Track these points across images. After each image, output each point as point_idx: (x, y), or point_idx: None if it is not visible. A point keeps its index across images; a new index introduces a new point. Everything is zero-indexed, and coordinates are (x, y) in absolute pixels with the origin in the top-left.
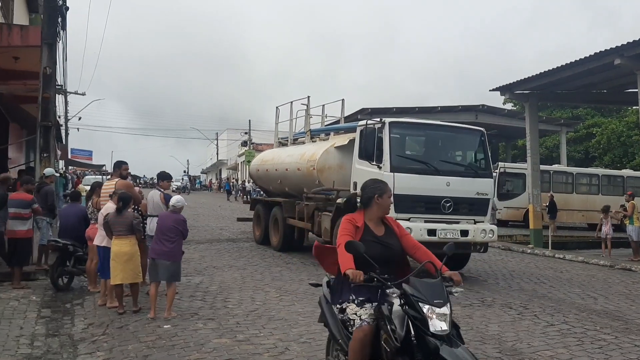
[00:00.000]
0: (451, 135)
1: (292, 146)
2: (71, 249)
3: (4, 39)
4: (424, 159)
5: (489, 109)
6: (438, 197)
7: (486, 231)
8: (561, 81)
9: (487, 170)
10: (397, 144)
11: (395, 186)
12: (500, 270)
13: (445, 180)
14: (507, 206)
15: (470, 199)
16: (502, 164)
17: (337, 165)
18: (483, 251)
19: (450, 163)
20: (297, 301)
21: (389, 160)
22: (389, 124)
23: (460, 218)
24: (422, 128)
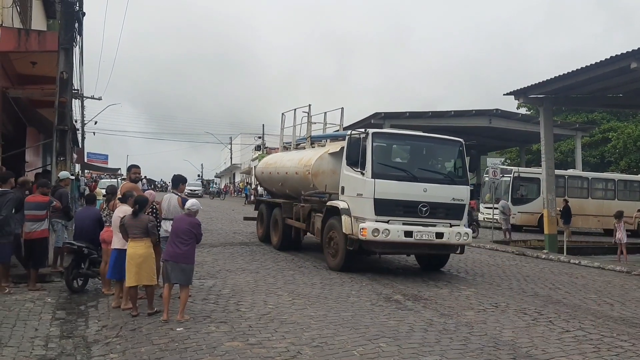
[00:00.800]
0: (430, 146)
1: (294, 151)
2: (86, 251)
3: (22, 44)
4: (403, 167)
5: (502, 114)
6: (415, 201)
7: (461, 234)
8: (576, 85)
9: (463, 178)
10: (379, 153)
11: (376, 191)
12: (515, 275)
13: (423, 186)
14: (521, 211)
15: (446, 204)
16: (517, 168)
17: (330, 170)
18: (460, 252)
19: (428, 171)
20: (310, 305)
21: (370, 167)
22: (372, 134)
23: (437, 221)
24: (403, 138)
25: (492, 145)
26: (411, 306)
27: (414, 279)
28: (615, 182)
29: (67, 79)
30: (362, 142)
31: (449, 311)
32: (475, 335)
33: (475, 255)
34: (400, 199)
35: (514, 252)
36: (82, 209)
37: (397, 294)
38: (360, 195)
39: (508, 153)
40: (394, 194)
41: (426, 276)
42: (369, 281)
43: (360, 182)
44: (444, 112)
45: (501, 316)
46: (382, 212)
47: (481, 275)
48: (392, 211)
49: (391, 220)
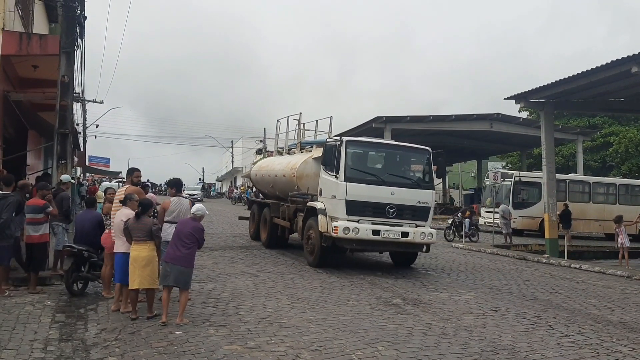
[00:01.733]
0: (399, 153)
1: (285, 155)
2: (86, 254)
3: (24, 48)
4: (373, 172)
5: (504, 118)
6: (383, 203)
7: (425, 234)
8: (577, 89)
9: (429, 183)
10: (352, 159)
11: (347, 193)
12: (515, 279)
13: (391, 190)
14: (522, 215)
15: (412, 207)
16: (517, 172)
17: (313, 174)
18: (426, 251)
19: (396, 176)
20: (309, 309)
21: (343, 172)
22: (345, 142)
23: (403, 222)
24: (374, 146)
25: (493, 150)
26: (410, 310)
27: (414, 283)
28: (616, 186)
29: (68, 83)
30: (337, 149)
31: (448, 315)
32: (474, 340)
33: (476, 260)
34: (370, 201)
35: (514, 256)
36: (83, 212)
37: (396, 297)
38: (335, 197)
39: (509, 157)
40: (364, 196)
41: (426, 280)
42: (368, 285)
43: (334, 185)
44: (445, 117)
45: (500, 320)
46: (353, 212)
47: (481, 279)
48: (362, 212)
49: (361, 219)
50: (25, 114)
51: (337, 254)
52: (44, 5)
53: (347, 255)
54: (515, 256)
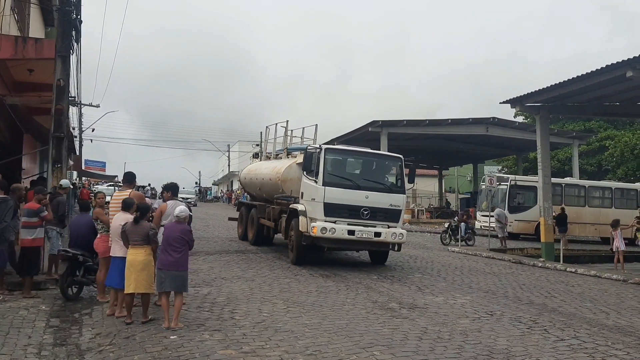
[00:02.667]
0: (373, 160)
1: (273, 160)
2: (81, 259)
3: (19, 52)
4: (349, 177)
5: (499, 122)
6: (358, 206)
7: (396, 234)
8: (572, 93)
9: (401, 188)
10: (329, 165)
11: (325, 196)
12: (510, 283)
13: (365, 194)
14: (518, 219)
15: (384, 209)
16: (513, 176)
17: (297, 178)
18: (397, 250)
19: (370, 181)
20: (305, 313)
21: (322, 177)
22: (324, 150)
23: (376, 223)
24: (350, 154)
25: (489, 154)
26: (406, 314)
27: (410, 287)
28: (612, 190)
29: (64, 87)
30: (316, 156)
31: (443, 319)
32: (469, 344)
33: (472, 263)
34: (346, 204)
35: (510, 260)
36: (77, 217)
37: (392, 301)
38: (314, 200)
39: (505, 161)
40: (341, 199)
41: (422, 284)
42: (364, 289)
43: (314, 189)
44: (441, 120)
45: (496, 324)
46: (330, 214)
47: (477, 283)
48: (339, 213)
49: (338, 220)
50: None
51: (315, 253)
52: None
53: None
54: (511, 260)
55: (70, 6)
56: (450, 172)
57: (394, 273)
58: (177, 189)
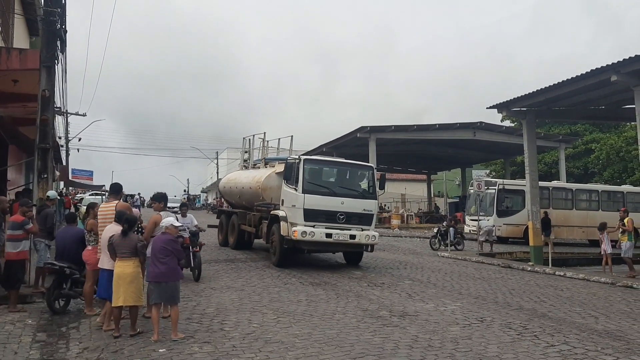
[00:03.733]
0: (347, 169)
1: (251, 170)
2: (68, 271)
3: (3, 63)
4: (326, 185)
5: (487, 126)
6: (334, 211)
7: (369, 236)
8: (558, 98)
9: (373, 194)
10: (308, 174)
11: (305, 203)
12: (500, 288)
13: (340, 200)
14: (506, 223)
15: (358, 214)
16: (501, 180)
17: (276, 186)
18: (370, 250)
19: (345, 188)
20: (295, 323)
21: (301, 185)
22: (303, 160)
23: (351, 226)
24: (327, 164)
25: (477, 158)
26: (397, 322)
27: (400, 294)
28: (599, 193)
29: (49, 97)
30: (296, 166)
31: (434, 327)
32: (460, 352)
33: (462, 269)
34: (323, 209)
35: (499, 264)
36: (64, 229)
37: (382, 309)
38: (294, 206)
39: (493, 165)
40: (319, 205)
41: (412, 291)
42: (355, 297)
43: (294, 196)
44: (428, 126)
45: (486, 331)
46: (309, 219)
47: (467, 289)
48: (317, 218)
49: (316, 225)
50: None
51: (296, 255)
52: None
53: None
54: (500, 264)
55: (54, 16)
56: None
57: (384, 280)
58: (167, 199)
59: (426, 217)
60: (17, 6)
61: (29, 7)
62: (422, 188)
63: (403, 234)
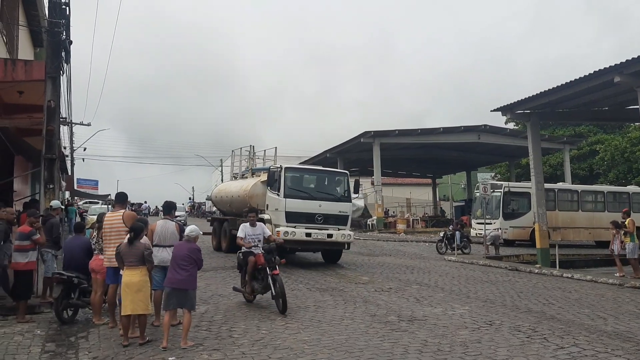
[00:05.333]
0: (325, 176)
1: (239, 180)
2: (76, 281)
3: (9, 74)
4: (305, 190)
5: (491, 129)
6: (313, 213)
7: (345, 235)
8: (562, 100)
9: (347, 197)
10: (289, 180)
11: (287, 206)
12: (508, 291)
13: (318, 203)
14: (513, 225)
15: (334, 215)
16: (507, 183)
17: (261, 194)
18: (347, 248)
19: (323, 192)
20: (303, 329)
21: (283, 190)
22: (284, 169)
23: (329, 226)
24: (306, 171)
25: (482, 161)
26: (405, 327)
27: (408, 298)
28: (604, 194)
29: (55, 108)
30: (278, 174)
31: (443, 331)
32: (470, 356)
33: (469, 272)
34: (303, 212)
35: (506, 267)
36: (71, 238)
37: (391, 314)
38: (277, 210)
39: (498, 168)
40: (299, 208)
41: (420, 295)
42: (362, 302)
43: (277, 201)
44: (433, 130)
45: (495, 334)
46: (291, 220)
47: (475, 292)
48: (298, 220)
49: (297, 225)
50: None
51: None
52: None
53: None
54: (507, 267)
55: (59, 27)
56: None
57: (391, 285)
58: (170, 208)
59: (432, 221)
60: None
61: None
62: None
63: (409, 239)
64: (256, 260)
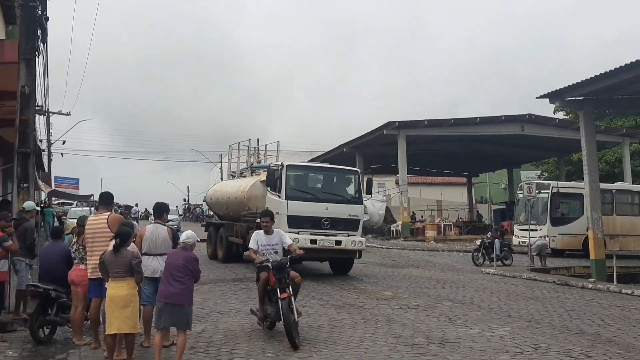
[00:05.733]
0: (332, 174)
1: (237, 179)
2: (53, 295)
3: None
4: (309, 191)
5: (536, 119)
6: (319, 217)
7: (356, 242)
8: (622, 84)
9: (358, 199)
10: (291, 180)
11: (288, 209)
12: (557, 309)
13: (325, 205)
14: (562, 232)
15: (344, 219)
16: (555, 183)
17: (261, 195)
18: (358, 257)
19: (330, 194)
20: (316, 352)
21: (284, 191)
22: (286, 166)
23: (337, 232)
24: (311, 169)
25: (526, 156)
26: (435, 351)
27: (438, 317)
28: None
29: (30, 94)
30: (279, 172)
31: (480, 355)
32: None
33: (510, 287)
34: (307, 215)
35: (555, 281)
36: (48, 245)
37: (418, 336)
38: (278, 213)
39: (545, 165)
40: (302, 211)
41: (452, 314)
42: (385, 321)
43: (277, 203)
44: (468, 120)
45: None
46: (293, 225)
47: (517, 310)
48: (301, 224)
49: (301, 231)
50: None
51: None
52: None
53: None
54: (556, 281)
55: (34, 1)
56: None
57: (419, 301)
58: (162, 210)
59: (467, 228)
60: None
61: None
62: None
63: (440, 247)
64: (267, 279)
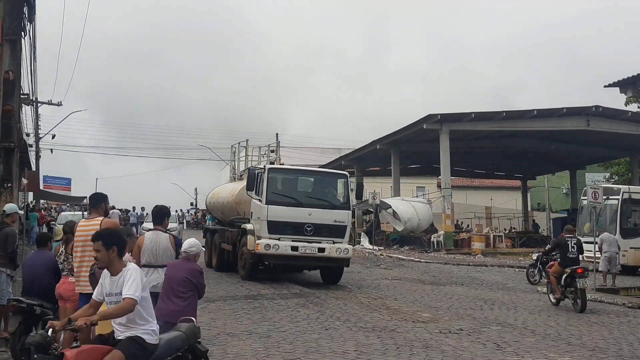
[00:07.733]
0: (317, 178)
1: (235, 182)
2: (38, 311)
3: None
4: (292, 195)
5: (605, 112)
6: (301, 222)
7: (341, 249)
8: None
9: (346, 204)
10: (273, 184)
11: (268, 214)
12: (626, 336)
13: (308, 211)
14: (634, 246)
15: (329, 225)
16: (627, 187)
17: (250, 200)
18: (346, 266)
19: (314, 198)
20: None
21: (265, 195)
22: (267, 169)
23: (321, 239)
24: (294, 172)
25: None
26: None
27: (485, 344)
28: None
29: (14, 81)
30: (260, 176)
31: None
32: None
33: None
34: (289, 221)
35: (624, 304)
36: (33, 254)
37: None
38: (259, 218)
39: (615, 166)
40: (284, 216)
41: (501, 340)
42: (422, 348)
43: (259, 208)
44: (523, 112)
45: None
46: (274, 231)
47: (579, 337)
48: (282, 230)
49: (282, 237)
50: None
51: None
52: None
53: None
54: (625, 304)
55: None
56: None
57: (462, 324)
58: (163, 215)
59: (521, 239)
60: None
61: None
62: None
63: (488, 262)
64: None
